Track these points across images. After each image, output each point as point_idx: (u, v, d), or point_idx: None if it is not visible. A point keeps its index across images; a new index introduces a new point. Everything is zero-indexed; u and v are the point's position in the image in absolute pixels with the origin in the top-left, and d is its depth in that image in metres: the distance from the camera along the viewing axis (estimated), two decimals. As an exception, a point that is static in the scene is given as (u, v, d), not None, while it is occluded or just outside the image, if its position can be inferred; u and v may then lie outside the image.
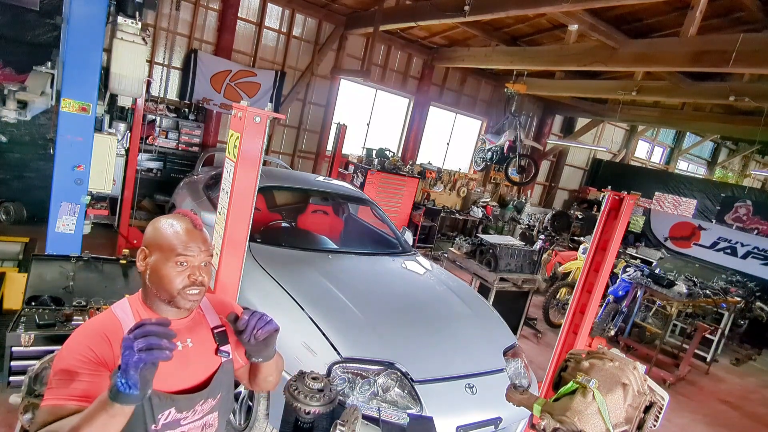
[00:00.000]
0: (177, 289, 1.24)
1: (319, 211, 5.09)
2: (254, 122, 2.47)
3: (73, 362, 1.14)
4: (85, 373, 1.14)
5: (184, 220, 1.30)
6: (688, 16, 4.93)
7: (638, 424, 1.31)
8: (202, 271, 1.28)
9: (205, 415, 1.36)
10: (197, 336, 1.37)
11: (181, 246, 1.25)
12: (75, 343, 1.19)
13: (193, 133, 7.24)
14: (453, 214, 10.02)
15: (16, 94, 3.63)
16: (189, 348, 1.33)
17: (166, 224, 1.28)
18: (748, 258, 9.13)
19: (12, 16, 5.43)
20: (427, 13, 6.34)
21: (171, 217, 1.31)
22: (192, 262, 1.26)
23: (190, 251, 1.25)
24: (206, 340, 1.39)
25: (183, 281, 1.25)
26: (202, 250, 1.28)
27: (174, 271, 1.24)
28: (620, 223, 3.36)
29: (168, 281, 1.24)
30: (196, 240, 1.27)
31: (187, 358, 1.32)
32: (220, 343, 1.40)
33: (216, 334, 1.41)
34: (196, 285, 1.26)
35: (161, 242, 1.26)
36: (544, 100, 11.03)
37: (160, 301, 1.28)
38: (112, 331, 1.22)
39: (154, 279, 1.26)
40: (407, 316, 3.09)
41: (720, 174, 16.09)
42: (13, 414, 2.59)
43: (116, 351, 1.18)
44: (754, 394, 5.97)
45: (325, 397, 1.47)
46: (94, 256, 3.41)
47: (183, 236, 1.26)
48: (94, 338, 1.20)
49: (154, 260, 1.26)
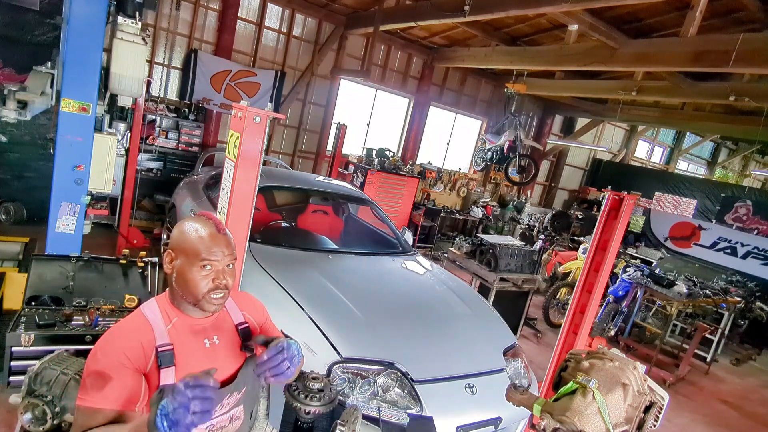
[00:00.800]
0: (202, 292, 1.28)
1: (319, 211, 5.09)
2: (254, 122, 2.47)
3: (107, 366, 1.18)
4: (119, 378, 1.18)
5: (209, 224, 1.33)
6: (688, 16, 4.93)
7: (638, 424, 1.31)
8: (227, 274, 1.31)
9: (231, 408, 1.40)
10: (223, 333, 1.41)
11: (205, 251, 1.28)
12: (109, 347, 1.22)
13: (193, 133, 7.24)
14: (453, 214, 10.02)
15: (16, 94, 3.62)
16: (216, 345, 1.37)
17: (191, 228, 1.31)
18: (748, 258, 9.12)
19: (12, 16, 5.43)
20: (427, 13, 6.34)
21: (196, 221, 1.34)
22: (216, 266, 1.29)
23: (214, 256, 1.28)
24: (231, 336, 1.43)
25: (208, 285, 1.28)
26: (226, 254, 1.31)
27: (199, 275, 1.27)
28: (620, 223, 3.36)
29: (193, 285, 1.27)
30: (220, 244, 1.30)
31: (215, 355, 1.36)
32: (245, 339, 1.44)
33: (240, 330, 1.45)
34: (220, 288, 1.29)
35: (186, 246, 1.29)
36: (544, 100, 11.03)
37: (186, 302, 1.32)
38: (144, 335, 1.26)
39: (180, 282, 1.30)
40: (407, 316, 3.09)
41: (720, 174, 16.08)
42: (13, 414, 2.59)
43: (148, 355, 1.23)
44: (754, 394, 5.97)
45: (325, 397, 1.47)
46: (94, 256, 3.41)
47: (207, 241, 1.29)
48: (128, 343, 1.23)
49: (180, 264, 1.29)
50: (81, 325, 2.91)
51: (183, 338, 1.32)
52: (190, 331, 1.34)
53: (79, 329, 2.86)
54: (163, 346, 1.26)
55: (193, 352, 1.32)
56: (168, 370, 1.25)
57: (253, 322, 1.51)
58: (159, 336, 1.27)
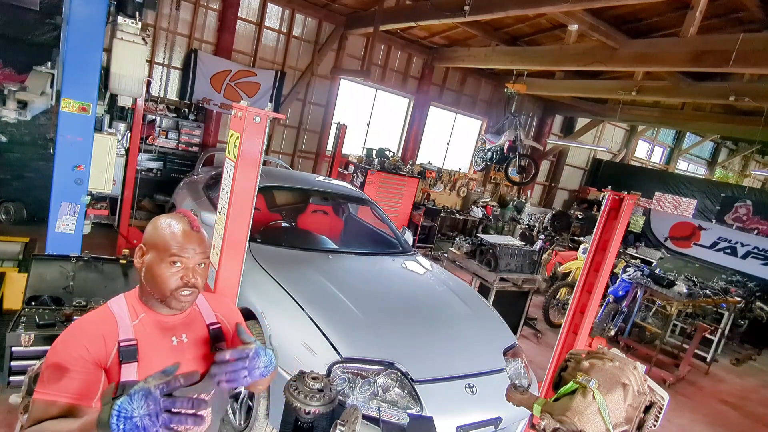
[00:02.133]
0: (170, 289, 1.25)
1: (319, 211, 5.09)
2: (254, 122, 2.47)
3: (66, 358, 1.15)
4: (78, 371, 1.14)
5: (183, 220, 1.30)
6: (688, 16, 4.93)
7: (638, 424, 1.31)
8: (196, 273, 1.28)
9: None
10: (193, 332, 1.37)
11: (176, 247, 1.25)
12: (71, 338, 1.19)
13: (193, 133, 7.24)
14: (453, 214, 10.02)
15: (16, 94, 3.63)
16: (184, 343, 1.33)
17: (164, 224, 1.28)
18: (748, 258, 9.13)
19: (12, 16, 5.43)
20: (427, 13, 6.34)
21: (170, 217, 1.31)
22: (186, 263, 1.26)
23: (184, 252, 1.25)
24: (201, 336, 1.39)
25: (176, 282, 1.25)
26: (197, 252, 1.27)
27: (168, 271, 1.24)
28: (620, 223, 3.36)
29: (161, 281, 1.24)
30: (192, 242, 1.27)
31: (182, 353, 1.31)
32: (216, 340, 1.40)
33: (211, 330, 1.41)
34: (188, 287, 1.26)
35: (157, 241, 1.26)
36: (544, 100, 11.04)
37: (154, 299, 1.29)
38: (107, 328, 1.22)
39: (149, 277, 1.26)
40: (407, 316, 3.09)
41: (720, 174, 16.09)
42: (13, 414, 2.59)
43: (110, 349, 1.20)
44: (754, 394, 5.96)
45: (325, 397, 1.47)
46: (94, 256, 3.41)
47: (179, 237, 1.26)
48: (89, 336, 1.20)
49: (150, 259, 1.26)
50: (81, 325, 2.91)
51: (149, 335, 1.28)
52: (157, 328, 1.30)
53: (79, 329, 2.86)
54: (126, 341, 1.22)
55: (159, 349, 1.28)
56: (130, 365, 1.21)
57: (226, 324, 1.46)
58: (123, 330, 1.23)
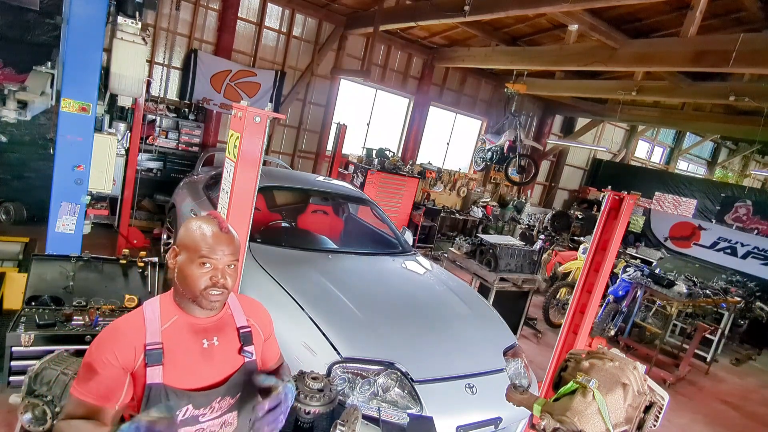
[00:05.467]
0: (199, 289, 1.30)
1: (319, 211, 5.09)
2: (254, 122, 2.47)
3: (97, 361, 1.24)
4: (105, 375, 1.23)
5: (213, 222, 1.35)
6: (688, 16, 4.92)
7: (638, 424, 1.31)
8: (226, 273, 1.32)
9: (223, 413, 1.40)
10: (224, 335, 1.41)
11: (205, 248, 1.30)
12: (104, 343, 1.27)
13: (193, 133, 7.24)
14: (453, 214, 10.02)
15: (16, 94, 3.63)
16: (214, 346, 1.38)
17: (194, 226, 1.34)
18: (748, 258, 9.12)
19: (12, 16, 5.43)
20: (427, 13, 6.34)
21: (201, 219, 1.37)
22: (215, 264, 1.31)
23: (213, 254, 1.30)
24: (232, 339, 1.43)
25: (205, 282, 1.30)
26: (226, 253, 1.32)
27: (198, 271, 1.29)
28: (620, 223, 3.36)
29: (192, 281, 1.29)
30: (221, 243, 1.32)
31: (212, 356, 1.36)
32: (245, 343, 1.44)
33: (241, 334, 1.45)
34: (217, 287, 1.30)
35: (188, 243, 1.32)
36: (544, 100, 11.03)
37: (187, 300, 1.34)
38: (137, 336, 1.28)
39: (181, 278, 1.32)
40: (407, 316, 3.09)
41: (720, 174, 16.08)
42: (13, 414, 2.58)
43: (138, 354, 1.26)
44: (754, 394, 5.97)
45: (325, 397, 1.47)
46: (94, 256, 3.41)
47: (209, 238, 1.31)
48: (120, 343, 1.27)
49: (182, 260, 1.32)
50: (81, 325, 2.92)
51: (180, 337, 1.33)
52: (189, 330, 1.35)
53: (79, 329, 2.87)
54: (152, 345, 1.27)
55: (189, 351, 1.33)
56: (155, 368, 1.26)
57: (258, 330, 1.50)
58: (150, 335, 1.29)
